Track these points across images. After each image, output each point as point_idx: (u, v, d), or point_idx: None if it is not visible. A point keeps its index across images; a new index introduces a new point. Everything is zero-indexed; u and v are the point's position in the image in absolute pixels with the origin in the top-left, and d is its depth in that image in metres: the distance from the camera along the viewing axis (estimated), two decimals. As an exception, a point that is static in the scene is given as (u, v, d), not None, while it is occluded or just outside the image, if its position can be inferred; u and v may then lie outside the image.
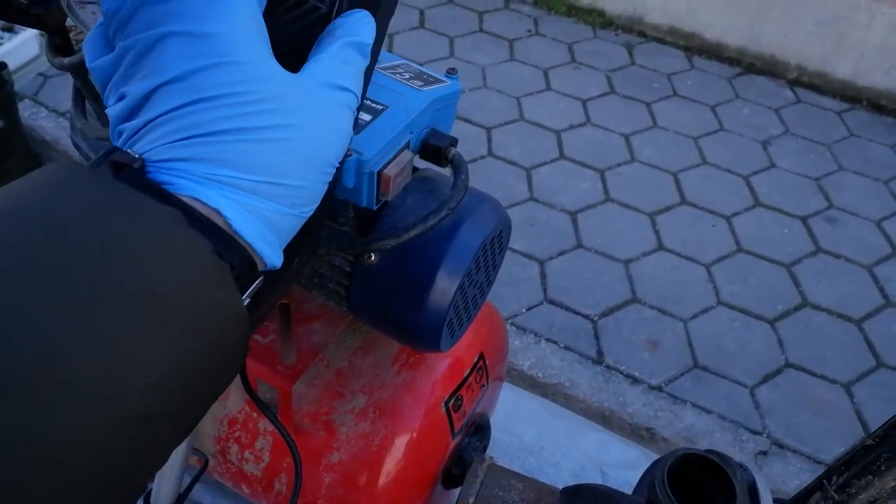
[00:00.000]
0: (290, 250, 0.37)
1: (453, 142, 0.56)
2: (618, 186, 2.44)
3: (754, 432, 1.80)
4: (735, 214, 2.39)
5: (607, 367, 1.91)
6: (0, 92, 2.19)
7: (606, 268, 2.16)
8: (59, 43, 0.59)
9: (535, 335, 1.96)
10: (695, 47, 3.13)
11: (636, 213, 2.36)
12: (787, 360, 1.97)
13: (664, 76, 2.99)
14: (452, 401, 0.74)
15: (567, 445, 1.28)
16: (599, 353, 1.94)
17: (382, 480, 0.71)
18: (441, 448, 0.76)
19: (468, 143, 2.54)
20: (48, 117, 2.50)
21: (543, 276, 2.12)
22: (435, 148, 0.55)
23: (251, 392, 0.57)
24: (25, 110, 2.47)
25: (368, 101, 0.52)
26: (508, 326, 1.97)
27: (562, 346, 1.94)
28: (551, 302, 2.05)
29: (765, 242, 2.30)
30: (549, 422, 1.32)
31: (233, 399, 0.75)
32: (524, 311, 2.02)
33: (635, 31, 3.21)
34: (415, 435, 0.71)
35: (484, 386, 0.80)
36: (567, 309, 2.03)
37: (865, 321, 2.09)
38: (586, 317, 2.02)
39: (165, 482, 0.70)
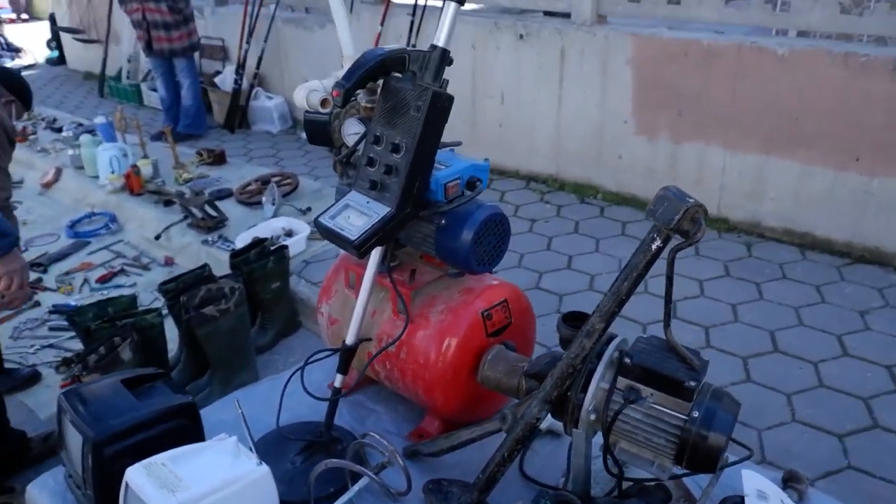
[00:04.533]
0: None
1: (478, 180, 1.42)
2: (718, 338, 3.00)
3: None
4: (822, 361, 2.81)
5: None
6: (280, 265, 3.41)
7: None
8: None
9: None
10: (807, 244, 3.70)
11: (731, 356, 2.88)
12: (849, 464, 2.30)
13: (776, 265, 3.57)
14: (487, 313, 1.50)
15: None
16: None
17: (446, 347, 1.46)
18: (478, 340, 1.50)
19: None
20: (306, 286, 3.69)
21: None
22: (471, 181, 1.42)
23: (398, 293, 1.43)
24: (293, 280, 3.68)
25: (440, 164, 1.41)
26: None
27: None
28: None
29: (845, 381, 2.68)
30: None
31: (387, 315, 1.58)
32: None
33: (755, 233, 3.86)
34: (465, 323, 1.47)
35: (507, 319, 1.54)
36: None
37: (937, 444, 2.35)
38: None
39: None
